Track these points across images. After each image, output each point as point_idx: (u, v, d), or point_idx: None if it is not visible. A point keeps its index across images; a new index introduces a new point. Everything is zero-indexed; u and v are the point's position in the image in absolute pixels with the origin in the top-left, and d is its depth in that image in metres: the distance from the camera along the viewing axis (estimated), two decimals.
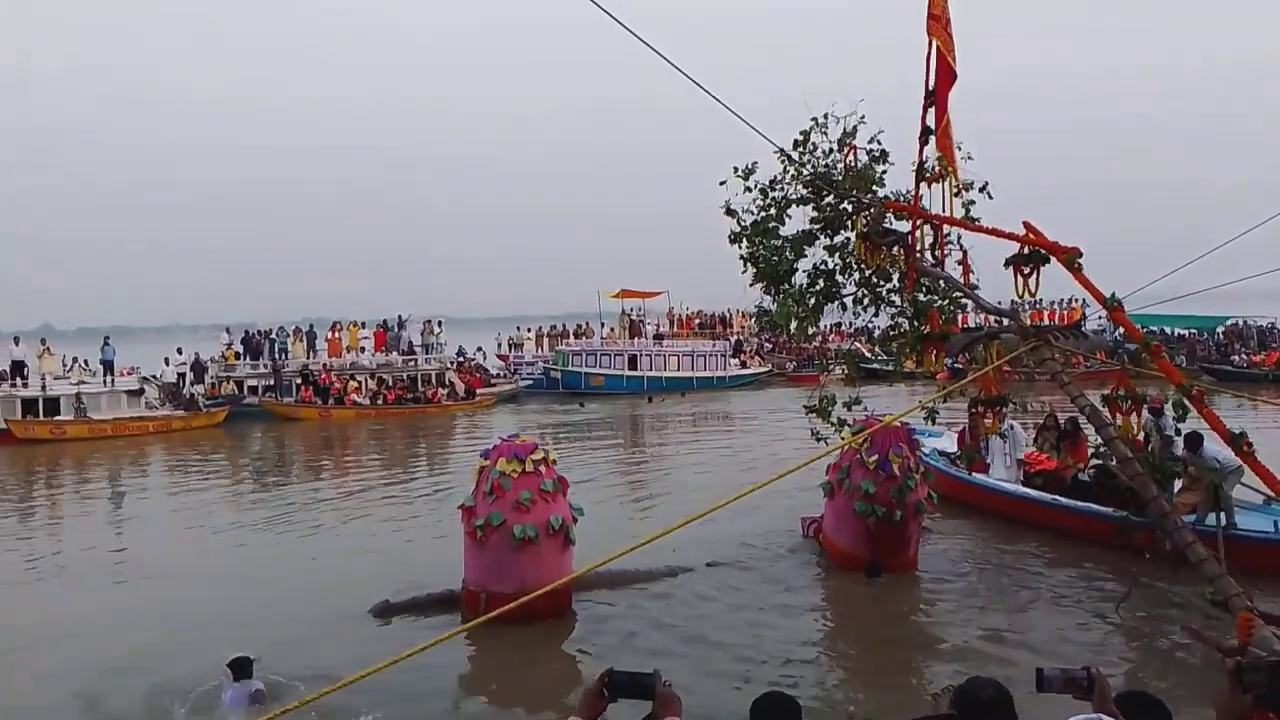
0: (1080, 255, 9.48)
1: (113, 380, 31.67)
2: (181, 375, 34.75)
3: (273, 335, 36.94)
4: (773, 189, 11.52)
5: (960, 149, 9.95)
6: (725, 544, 12.78)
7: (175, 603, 11.27)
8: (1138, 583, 9.78)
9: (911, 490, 11.07)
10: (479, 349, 46.48)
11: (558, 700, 8.07)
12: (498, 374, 42.99)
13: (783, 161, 11.30)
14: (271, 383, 34.61)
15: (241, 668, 8.00)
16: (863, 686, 8.42)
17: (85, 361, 33.65)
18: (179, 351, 37.33)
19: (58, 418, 29.07)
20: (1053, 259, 9.74)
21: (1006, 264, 9.90)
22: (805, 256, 11.82)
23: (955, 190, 9.93)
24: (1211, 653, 8.15)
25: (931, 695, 2.59)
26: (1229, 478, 10.80)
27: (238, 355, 36.09)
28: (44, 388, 29.76)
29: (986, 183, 10.80)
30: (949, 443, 15.95)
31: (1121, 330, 10.93)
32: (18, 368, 30.52)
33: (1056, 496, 13.11)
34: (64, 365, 32.67)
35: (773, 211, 11.55)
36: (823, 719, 7.40)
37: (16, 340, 31.81)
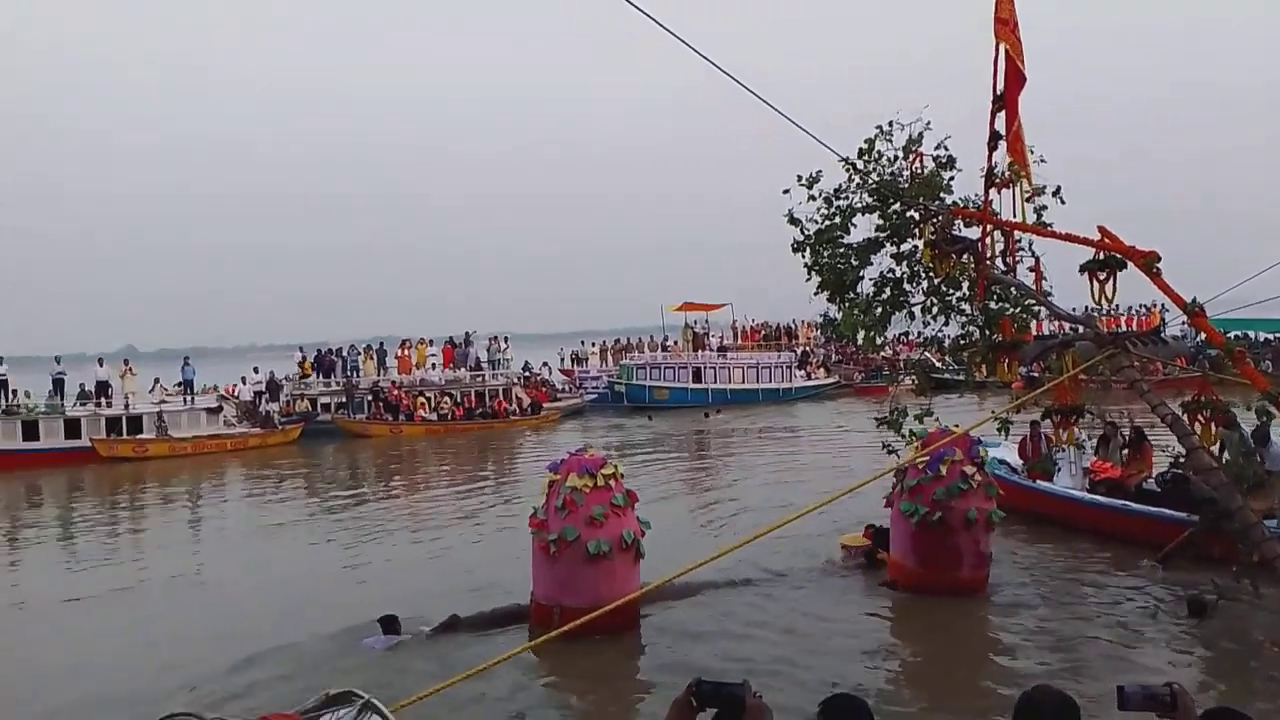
0: (1159, 259, 9.20)
1: (192, 399, 32.66)
2: (258, 394, 35.68)
3: (344, 353, 37.70)
4: (838, 197, 11.44)
5: (1033, 152, 9.78)
6: (790, 557, 12.69)
7: (244, 613, 11.52)
8: (1222, 596, 9.41)
9: (961, 495, 10.56)
10: (544, 364, 46.85)
11: (636, 711, 8.10)
12: (562, 389, 43.25)
13: (847, 170, 11.21)
14: (344, 400, 35.29)
15: (389, 624, 9.79)
16: (933, 702, 8.25)
17: (179, 385, 34.49)
18: (255, 370, 38.33)
19: (140, 436, 30.02)
20: (1129, 264, 9.49)
21: (1081, 270, 9.65)
22: (871, 264, 11.69)
23: (1027, 195, 9.75)
24: None
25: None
26: None
27: (315, 367, 36.86)
28: (127, 407, 30.80)
29: (1059, 187, 10.56)
30: (1008, 452, 15.58)
31: (1203, 336, 10.60)
32: (103, 388, 31.64)
33: (1128, 503, 12.81)
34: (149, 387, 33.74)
35: (837, 220, 11.46)
36: None
37: (101, 361, 33.03)
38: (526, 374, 42.71)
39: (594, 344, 49.96)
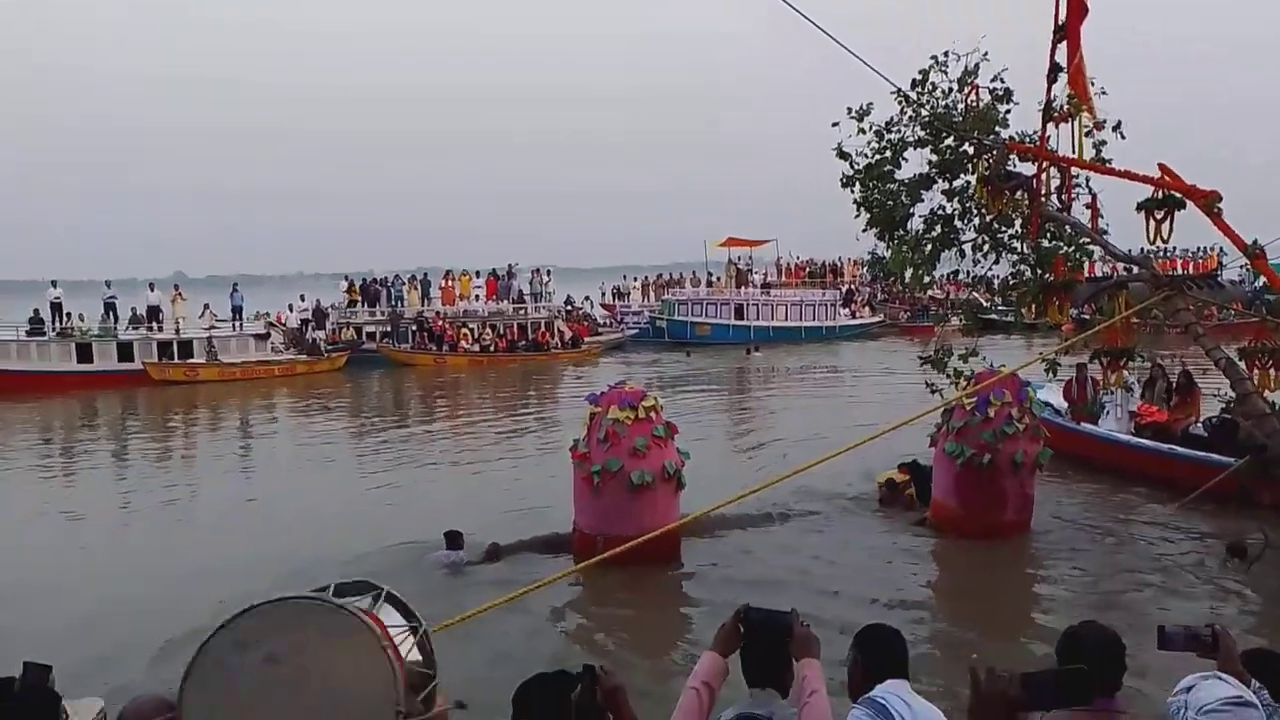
0: (1220, 199, 8.97)
1: (241, 325, 33.17)
2: (304, 321, 36.11)
3: (389, 283, 37.95)
4: (889, 130, 11.19)
5: (1094, 84, 9.48)
6: (829, 494, 12.71)
7: (290, 533, 11.82)
8: (1270, 543, 9.28)
9: (1009, 438, 10.34)
10: (586, 298, 46.83)
11: (679, 638, 8.25)
12: (604, 323, 43.26)
13: (900, 102, 10.95)
14: (389, 329, 35.65)
15: (454, 538, 10.23)
16: (976, 638, 8.29)
17: (233, 313, 34.80)
18: (301, 299, 38.76)
19: (191, 360, 30.61)
20: (1189, 204, 9.24)
21: (1139, 208, 9.41)
22: (922, 201, 11.48)
23: (1086, 130, 9.48)
24: None
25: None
26: None
27: (362, 292, 37.18)
28: (178, 331, 31.35)
29: (1120, 122, 10.24)
30: (1052, 395, 15.31)
31: (1262, 280, 10.34)
32: (153, 313, 32.23)
33: (1174, 447, 12.59)
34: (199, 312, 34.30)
35: (888, 154, 11.23)
36: (936, 664, 7.31)
37: (152, 286, 33.59)
38: (569, 308, 42.75)
39: (636, 279, 49.78)
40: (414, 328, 35.59)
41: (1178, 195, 9.21)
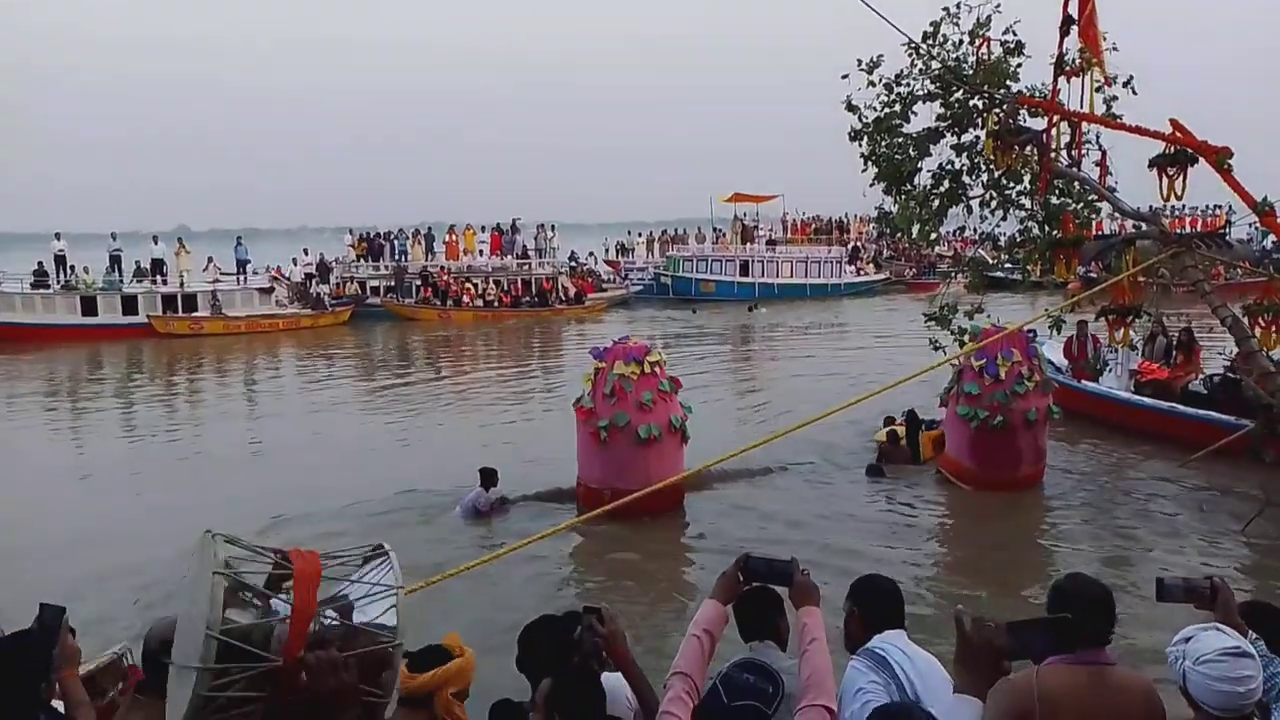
0: (1231, 155, 8.87)
1: (246, 279, 33.11)
2: (308, 275, 36.06)
3: (393, 238, 37.81)
4: (898, 84, 11.06)
5: (1106, 38, 9.34)
6: (831, 447, 12.82)
7: (311, 481, 11.92)
8: (1270, 501, 9.33)
9: (1020, 397, 10.45)
10: (590, 254, 46.61)
11: (682, 588, 8.36)
12: (609, 279, 43.05)
13: (910, 54, 10.81)
14: (393, 284, 35.58)
15: (488, 476, 10.41)
16: (970, 590, 8.37)
17: (241, 267, 34.65)
18: (305, 252, 38.62)
19: (195, 314, 30.61)
20: (1200, 160, 9.15)
21: (1151, 165, 9.32)
22: (930, 156, 11.38)
23: (1098, 85, 9.36)
24: None
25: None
26: None
27: (367, 245, 37.02)
28: (182, 285, 31.32)
29: (1131, 77, 10.11)
30: (1052, 352, 15.28)
31: (1269, 240, 10.25)
32: (157, 266, 32.16)
33: (1175, 405, 12.74)
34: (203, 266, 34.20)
35: (897, 108, 11.11)
36: (939, 616, 7.39)
37: (155, 239, 33.49)
38: (573, 263, 42.57)
39: (640, 235, 49.50)
40: (418, 282, 35.52)
41: (1190, 151, 9.11)
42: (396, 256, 36.62)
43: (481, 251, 38.16)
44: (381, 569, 2.55)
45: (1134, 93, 10.33)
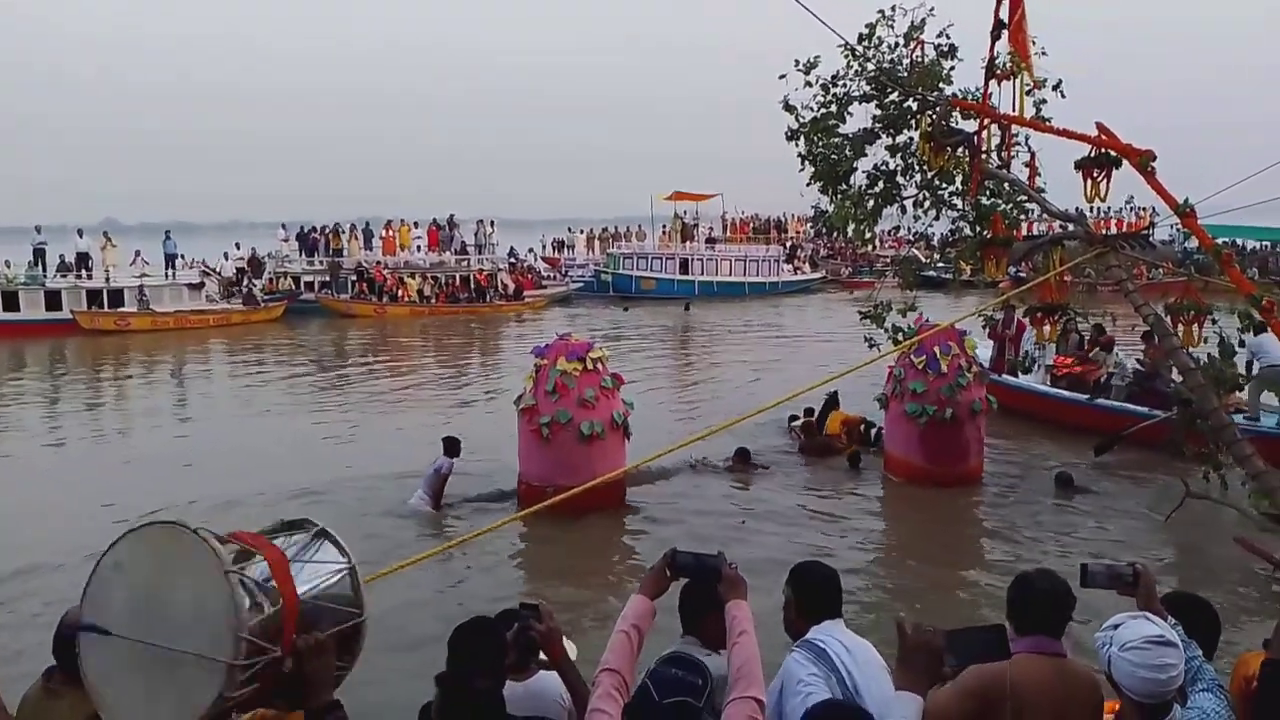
0: (1154, 158, 9.11)
1: (174, 274, 32.28)
2: (240, 270, 35.29)
3: (328, 232, 37.16)
4: (834, 84, 11.18)
5: (1035, 43, 9.54)
6: (769, 441, 13.01)
7: (235, 475, 11.72)
8: (1190, 491, 9.68)
9: (963, 389, 10.91)
10: (530, 250, 46.39)
11: (623, 581, 8.40)
12: (549, 275, 42.90)
13: (846, 56, 10.94)
14: (328, 279, 35.02)
15: (450, 446, 10.55)
16: (908, 583, 8.54)
17: (170, 261, 33.67)
18: (236, 247, 37.83)
19: (122, 309, 29.76)
20: (1125, 163, 9.38)
21: (1077, 166, 9.55)
22: (865, 156, 11.51)
23: (1027, 89, 9.55)
24: (1262, 564, 8.13)
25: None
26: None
27: (300, 241, 36.20)
28: (108, 280, 30.43)
29: (1060, 81, 10.35)
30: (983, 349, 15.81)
31: (1191, 241, 10.60)
32: (83, 260, 31.18)
33: (1095, 398, 13.53)
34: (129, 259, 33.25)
35: (833, 108, 11.23)
36: (867, 606, 7.51)
37: (80, 233, 32.45)
38: (512, 260, 42.34)
39: (581, 231, 49.38)
40: (354, 278, 35.01)
41: (1114, 154, 9.34)
42: (329, 252, 36.00)
43: (419, 247, 37.75)
44: (317, 545, 2.59)
45: (1062, 96, 10.57)
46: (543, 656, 3.30)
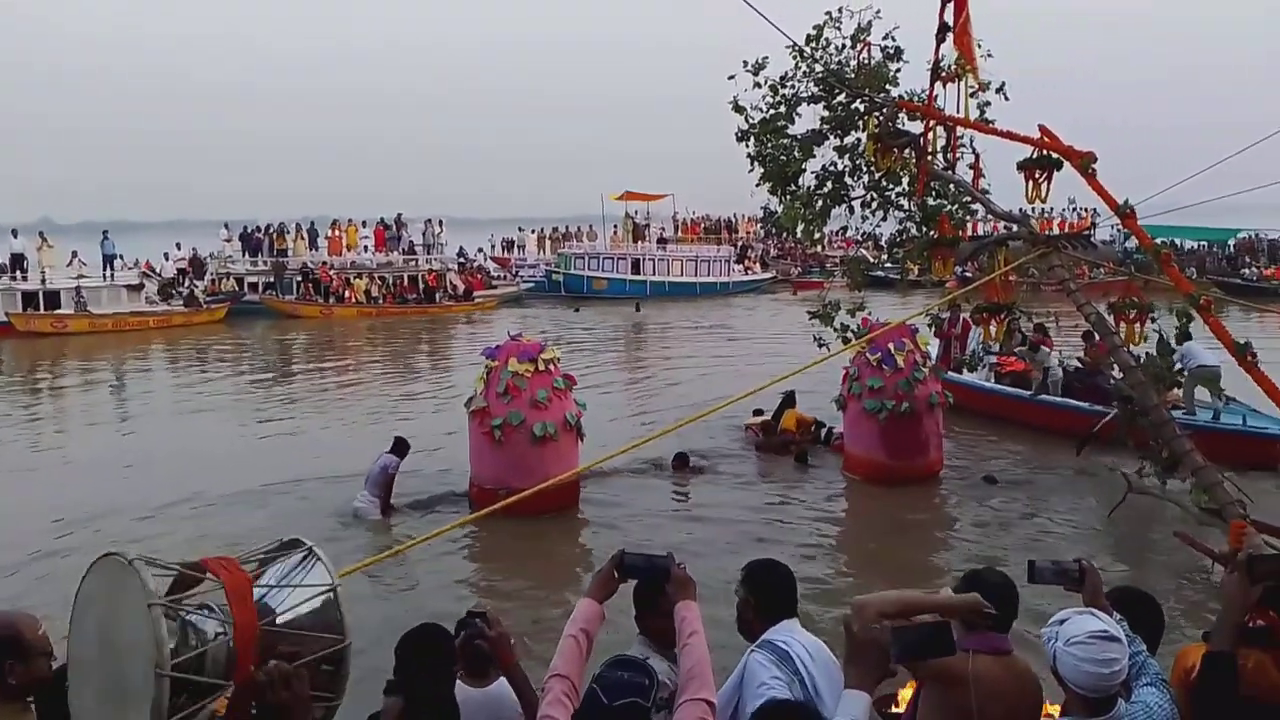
0: (1095, 160, 9.28)
1: (113, 275, 31.52)
2: (181, 271, 34.57)
3: (272, 232, 36.51)
4: (783, 85, 11.25)
5: (980, 46, 9.67)
6: (721, 442, 13.04)
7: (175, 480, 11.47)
8: (1133, 487, 9.88)
9: (920, 382, 11.10)
10: (479, 249, 46.06)
11: (577, 583, 8.34)
12: (499, 276, 42.62)
13: (794, 57, 11.01)
14: (272, 280, 34.43)
15: (398, 446, 10.41)
16: (861, 580, 8.60)
17: (108, 262, 32.76)
18: (177, 247, 37.06)
19: (59, 311, 29.00)
20: (1066, 164, 9.55)
21: (1019, 168, 9.70)
22: (814, 157, 11.61)
23: (972, 91, 9.69)
24: (1202, 558, 8.31)
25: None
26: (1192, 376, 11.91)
27: (243, 241, 35.52)
28: (44, 281, 29.61)
29: (1004, 83, 10.53)
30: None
31: (1131, 241, 10.81)
32: (17, 261, 30.28)
33: (1040, 395, 13.97)
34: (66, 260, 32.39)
35: (782, 109, 11.30)
36: (820, 597, 7.54)
37: (15, 233, 31.50)
38: (461, 260, 42.01)
39: (532, 230, 49.15)
40: (299, 278, 34.47)
41: (1056, 155, 9.50)
42: (274, 252, 35.35)
43: (366, 247, 37.28)
44: (307, 567, 2.44)
45: (1005, 98, 10.76)
46: None
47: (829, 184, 11.80)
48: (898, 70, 11.16)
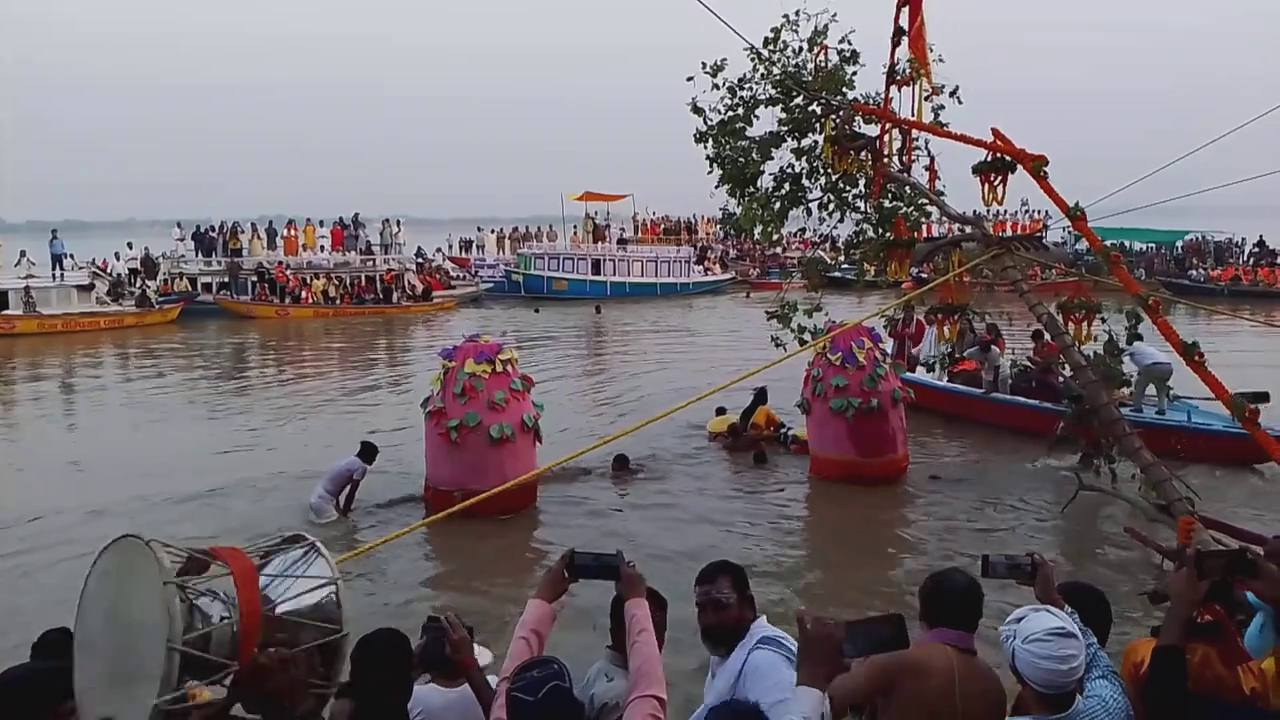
0: (1046, 163, 9.44)
1: (62, 275, 30.89)
2: (133, 271, 33.97)
3: (225, 231, 35.97)
4: (741, 87, 11.31)
5: (933, 51, 9.81)
6: (678, 442, 13.11)
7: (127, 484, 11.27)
8: (1083, 484, 10.07)
9: (883, 378, 11.21)
10: (438, 250, 45.76)
11: (528, 584, 8.30)
12: (458, 276, 42.38)
13: (752, 59, 11.08)
14: (226, 280, 33.95)
15: (367, 451, 10.31)
16: (817, 576, 8.67)
17: (57, 261, 32.09)
18: (129, 246, 36.41)
19: (6, 312, 28.35)
20: (1019, 167, 9.71)
21: (974, 171, 9.85)
22: (772, 159, 11.68)
23: (926, 94, 9.82)
24: (1151, 554, 8.48)
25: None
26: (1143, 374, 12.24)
27: (196, 240, 34.97)
28: None
29: (957, 87, 10.68)
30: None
31: (1082, 243, 11.00)
32: None
33: (993, 393, 14.32)
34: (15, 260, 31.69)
35: (740, 111, 11.36)
36: (776, 615, 7.59)
37: None
38: (420, 260, 41.71)
39: (493, 230, 48.92)
40: (254, 278, 34.01)
41: (1009, 158, 9.66)
42: (228, 253, 34.79)
43: (323, 247, 36.88)
44: (309, 560, 2.57)
45: (959, 102, 10.91)
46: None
47: (787, 185, 11.88)
48: (854, 74, 11.27)
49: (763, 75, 11.23)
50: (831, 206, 12.07)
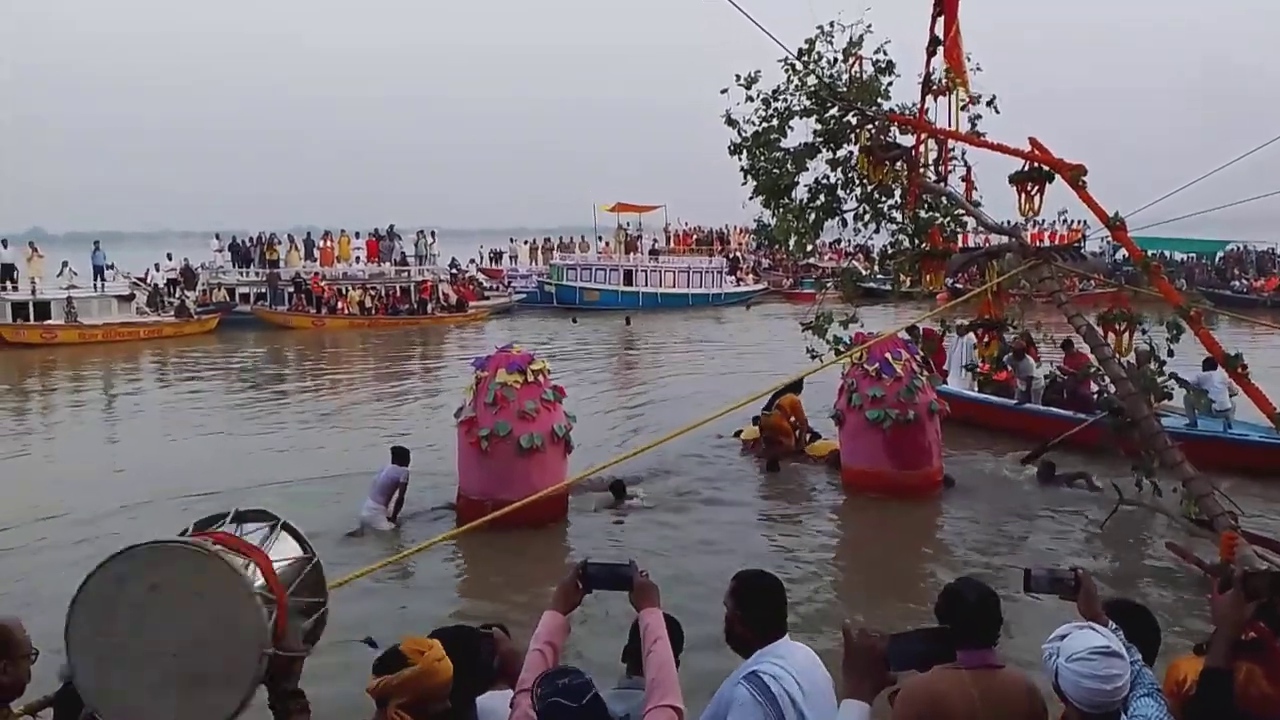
0: (1085, 173, 9.35)
1: (103, 285, 31.40)
2: (171, 281, 34.47)
3: (262, 242, 36.40)
4: (775, 99, 11.30)
5: (970, 60, 9.75)
6: (711, 452, 13.05)
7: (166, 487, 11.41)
8: (1124, 499, 9.91)
9: (920, 390, 11.08)
10: (471, 260, 46.03)
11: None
12: (490, 287, 42.61)
13: (787, 71, 11.06)
14: (264, 291, 34.35)
15: (400, 455, 10.35)
16: (860, 599, 8.59)
17: (99, 272, 32.66)
18: (169, 257, 36.96)
19: (48, 322, 28.86)
20: (1057, 177, 9.61)
21: (1011, 181, 9.76)
22: (806, 170, 11.65)
23: (963, 104, 9.75)
24: (1194, 570, 8.33)
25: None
26: None
27: (233, 251, 35.43)
28: (34, 292, 29.45)
29: (994, 96, 10.59)
30: None
31: (1121, 253, 10.87)
32: (7, 271, 30.11)
33: (1030, 404, 14.19)
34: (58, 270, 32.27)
35: (775, 123, 11.35)
36: (816, 626, 7.53)
37: (5, 243, 31.36)
38: (454, 270, 41.98)
39: (525, 241, 49.16)
40: (291, 289, 34.39)
41: (1047, 168, 9.56)
42: (264, 264, 35.20)
43: (358, 258, 37.23)
44: (276, 537, 2.74)
45: (996, 111, 10.81)
46: None
47: (821, 197, 11.84)
48: (889, 84, 11.23)
49: (797, 86, 11.21)
50: (867, 217, 12.01)
